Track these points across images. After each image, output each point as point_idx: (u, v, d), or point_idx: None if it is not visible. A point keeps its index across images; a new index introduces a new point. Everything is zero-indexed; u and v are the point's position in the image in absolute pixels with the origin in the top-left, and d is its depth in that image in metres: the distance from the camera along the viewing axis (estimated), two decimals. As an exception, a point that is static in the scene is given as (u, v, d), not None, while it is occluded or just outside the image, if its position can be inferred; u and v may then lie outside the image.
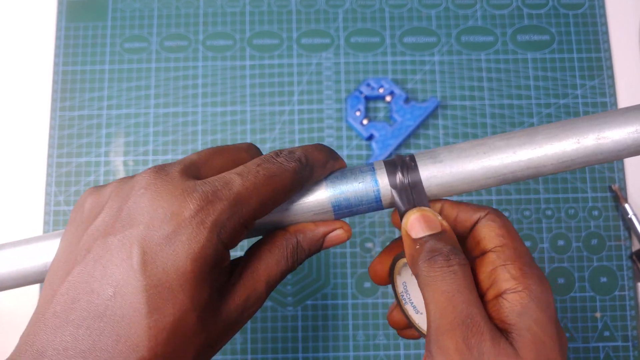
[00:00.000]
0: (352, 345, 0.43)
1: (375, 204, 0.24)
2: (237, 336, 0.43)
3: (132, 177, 0.21)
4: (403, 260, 0.24)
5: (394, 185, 0.23)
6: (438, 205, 0.25)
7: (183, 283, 0.19)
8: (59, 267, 0.21)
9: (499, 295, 0.21)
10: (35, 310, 0.20)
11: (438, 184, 0.23)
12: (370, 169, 0.24)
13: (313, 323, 0.43)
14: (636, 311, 0.43)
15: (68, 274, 0.20)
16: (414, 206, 0.23)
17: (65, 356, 0.18)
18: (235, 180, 0.21)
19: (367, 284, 0.44)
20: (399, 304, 0.26)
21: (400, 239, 0.25)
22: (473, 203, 0.25)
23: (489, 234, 0.23)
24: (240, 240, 0.21)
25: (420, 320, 0.25)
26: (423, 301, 0.21)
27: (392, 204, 0.24)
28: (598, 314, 0.43)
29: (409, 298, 0.25)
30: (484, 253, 0.23)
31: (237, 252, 0.42)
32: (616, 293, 0.43)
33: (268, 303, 0.43)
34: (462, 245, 0.25)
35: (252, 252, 0.23)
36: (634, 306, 0.43)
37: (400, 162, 0.24)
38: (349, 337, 0.43)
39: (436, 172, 0.23)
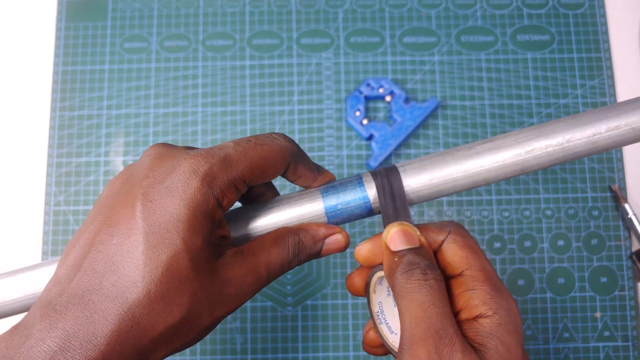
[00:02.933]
0: (352, 345, 0.43)
1: (366, 211, 0.26)
2: (237, 336, 0.43)
3: None
4: (378, 275, 0.25)
5: (379, 191, 0.26)
6: None
7: (177, 225, 0.21)
8: (76, 236, 0.23)
9: (471, 319, 0.22)
10: (52, 276, 0.22)
11: (420, 192, 0.26)
12: (359, 180, 0.26)
13: (313, 323, 0.43)
14: (636, 311, 0.43)
15: (81, 235, 0.22)
16: (397, 214, 0.25)
17: (69, 297, 0.20)
18: (229, 144, 0.24)
19: (367, 284, 0.44)
20: (373, 323, 0.26)
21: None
22: (435, 222, 0.25)
23: (453, 257, 0.24)
24: (231, 200, 0.23)
25: (394, 340, 0.25)
26: (398, 321, 0.22)
27: (379, 210, 0.26)
28: (598, 314, 0.43)
29: (384, 318, 0.26)
30: (453, 276, 0.24)
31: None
32: (616, 293, 0.43)
33: (268, 303, 0.43)
34: None
35: (256, 239, 0.25)
36: (634, 306, 0.43)
37: (383, 171, 0.26)
38: (349, 337, 0.43)
39: (419, 181, 0.26)
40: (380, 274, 0.25)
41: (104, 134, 0.46)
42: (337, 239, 0.26)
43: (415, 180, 0.26)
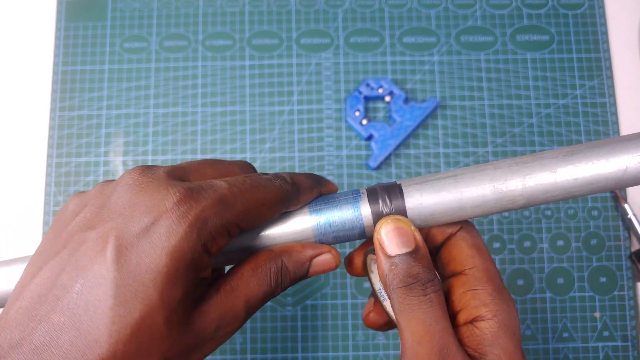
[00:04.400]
0: (352, 345, 0.43)
1: (358, 233, 0.23)
2: (237, 336, 0.43)
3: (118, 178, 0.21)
4: (371, 257, 0.24)
5: (376, 216, 0.23)
6: None
7: (155, 277, 0.18)
8: (32, 265, 0.20)
9: (470, 321, 0.22)
10: (2, 311, 0.20)
11: (423, 215, 0.23)
12: (354, 196, 0.23)
13: (313, 323, 0.43)
14: (636, 311, 0.43)
15: (40, 270, 0.19)
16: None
17: (18, 353, 0.18)
18: (221, 184, 0.21)
19: (367, 284, 0.44)
20: (377, 300, 0.26)
21: None
22: None
23: (459, 254, 0.23)
24: (220, 246, 0.21)
25: None
26: None
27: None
28: (597, 314, 0.43)
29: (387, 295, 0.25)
30: (455, 274, 0.23)
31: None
32: (615, 293, 0.43)
33: (268, 303, 0.43)
34: (434, 260, 0.25)
35: (234, 269, 0.22)
36: (633, 306, 0.43)
37: (383, 189, 0.23)
38: (348, 337, 0.43)
39: (423, 202, 0.22)
40: (373, 256, 0.24)
41: (104, 134, 0.46)
42: (325, 259, 0.23)
43: (420, 200, 0.22)
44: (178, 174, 0.21)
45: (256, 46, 0.48)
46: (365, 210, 0.23)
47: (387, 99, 0.46)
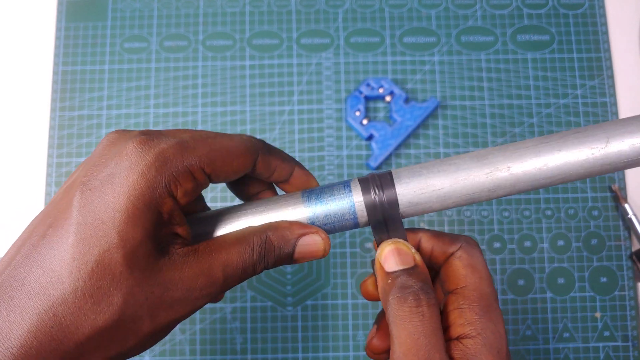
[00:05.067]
0: (352, 345, 0.43)
1: (352, 222, 0.23)
2: (237, 336, 0.43)
3: None
4: None
5: (368, 203, 0.23)
6: (417, 237, 0.25)
7: (113, 215, 0.19)
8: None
9: (455, 338, 0.22)
10: None
11: (411, 202, 0.23)
12: (346, 185, 0.24)
13: (313, 323, 0.43)
14: (636, 311, 0.43)
15: (25, 229, 0.21)
16: (388, 227, 0.23)
17: None
18: (186, 131, 0.22)
19: (367, 284, 0.44)
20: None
21: None
22: (450, 234, 0.25)
23: (453, 273, 0.24)
24: (187, 191, 0.21)
25: None
26: None
27: (368, 223, 0.24)
28: (598, 314, 0.43)
29: None
30: (450, 292, 0.24)
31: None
32: (616, 293, 0.43)
33: (268, 303, 0.43)
34: (435, 279, 0.25)
35: (217, 238, 0.22)
36: (634, 306, 0.43)
37: (374, 180, 0.23)
38: (349, 337, 0.43)
39: (414, 190, 0.23)
40: None
41: (104, 134, 0.46)
42: (313, 239, 0.23)
43: (411, 189, 0.23)
44: (151, 132, 0.22)
45: (256, 46, 0.48)
46: (357, 198, 0.23)
47: (388, 98, 0.46)
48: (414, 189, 0.23)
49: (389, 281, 0.22)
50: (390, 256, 0.23)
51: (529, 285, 0.44)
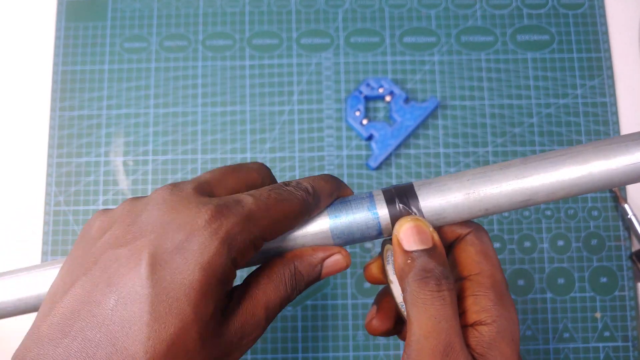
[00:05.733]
0: (352, 345, 0.43)
1: (375, 233, 0.24)
2: (237, 336, 0.43)
3: (146, 196, 0.22)
4: (390, 247, 0.25)
5: (394, 217, 0.23)
6: None
7: (189, 293, 0.19)
8: (62, 280, 0.20)
9: (470, 324, 0.22)
10: (32, 325, 0.20)
11: (436, 214, 0.23)
12: (370, 197, 0.24)
13: (313, 323, 0.43)
14: (636, 311, 0.43)
15: (71, 286, 0.19)
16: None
17: None
18: (248, 199, 0.21)
19: (367, 284, 0.44)
20: (389, 293, 0.26)
21: None
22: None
23: (466, 259, 0.24)
24: (247, 260, 0.21)
25: None
26: None
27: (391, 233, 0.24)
28: (598, 314, 0.43)
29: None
30: (462, 278, 0.24)
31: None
32: (616, 293, 0.43)
33: (268, 303, 0.43)
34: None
35: (250, 279, 0.23)
36: (634, 306, 0.43)
37: (398, 190, 0.24)
38: (349, 337, 0.43)
39: (437, 202, 0.23)
40: (391, 247, 0.25)
41: (104, 134, 0.46)
42: (336, 260, 0.24)
43: (432, 201, 0.23)
44: (205, 190, 0.22)
45: (256, 46, 0.48)
46: (382, 212, 0.24)
47: (388, 98, 0.46)
48: (436, 201, 0.23)
49: (409, 261, 0.22)
50: (410, 234, 0.23)
51: (529, 285, 0.43)
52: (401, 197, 0.24)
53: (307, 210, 0.23)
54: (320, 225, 0.24)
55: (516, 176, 0.23)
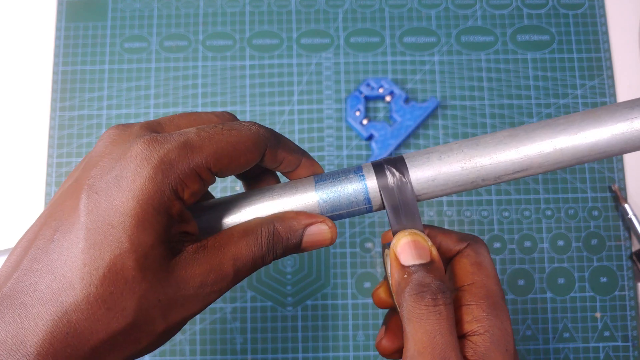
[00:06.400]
0: (352, 345, 0.43)
1: (365, 207, 0.23)
2: (237, 336, 0.43)
3: None
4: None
5: (382, 186, 0.23)
6: (425, 231, 0.25)
7: (123, 220, 0.19)
8: (27, 230, 0.21)
9: (463, 334, 0.22)
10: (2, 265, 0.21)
11: (427, 183, 0.23)
12: (359, 170, 0.23)
13: (313, 323, 0.43)
14: (636, 311, 0.43)
15: (28, 230, 0.21)
16: (403, 212, 0.23)
17: (2, 300, 0.19)
18: (191, 130, 0.21)
19: (367, 284, 0.44)
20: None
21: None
22: (458, 232, 0.25)
23: (460, 271, 0.24)
24: (194, 192, 0.21)
25: None
26: None
27: (382, 207, 0.23)
28: (598, 314, 0.43)
29: None
30: (456, 289, 0.24)
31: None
32: (616, 293, 0.43)
33: (268, 303, 0.43)
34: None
35: (224, 232, 0.22)
36: (634, 306, 0.43)
37: (388, 162, 0.23)
38: (349, 337, 0.43)
39: (426, 172, 0.23)
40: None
41: (104, 134, 0.46)
42: (320, 229, 0.23)
43: (423, 170, 0.23)
44: (152, 127, 0.22)
45: (256, 46, 0.48)
46: (371, 183, 0.23)
47: (388, 98, 0.46)
48: (428, 171, 0.23)
49: (405, 276, 0.22)
50: (407, 249, 0.22)
51: (529, 285, 0.43)
52: (391, 167, 0.23)
53: (260, 143, 0.22)
54: (308, 198, 0.23)
55: (511, 145, 0.22)
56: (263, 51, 0.48)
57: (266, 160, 0.23)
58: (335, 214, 0.23)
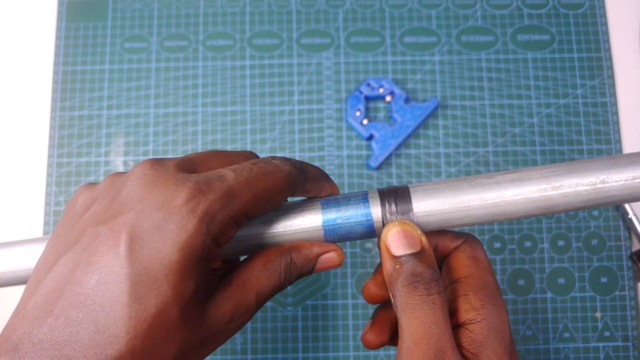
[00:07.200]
0: (352, 345, 0.43)
1: (367, 232, 0.24)
2: (237, 336, 0.43)
3: (129, 170, 0.22)
4: None
5: (385, 215, 0.24)
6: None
7: (168, 273, 0.19)
8: (46, 258, 0.21)
9: (460, 324, 0.22)
10: (18, 304, 0.20)
11: (430, 218, 0.24)
12: (364, 197, 0.24)
13: (313, 323, 0.43)
14: (636, 311, 0.43)
15: (54, 264, 0.20)
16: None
17: (40, 348, 0.18)
18: (229, 174, 0.21)
19: (367, 284, 0.44)
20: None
21: None
22: (454, 231, 0.25)
23: (457, 264, 0.24)
24: (229, 237, 0.21)
25: None
26: None
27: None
28: (598, 314, 0.43)
29: None
30: (453, 282, 0.24)
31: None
32: (616, 293, 0.43)
33: (268, 303, 0.43)
34: (441, 270, 0.26)
35: (245, 263, 0.23)
36: (634, 306, 0.43)
37: (392, 191, 0.24)
38: (349, 337, 0.43)
39: (429, 206, 0.23)
40: None
41: (104, 134, 0.46)
42: (330, 257, 0.24)
43: (426, 204, 0.23)
44: (187, 166, 0.22)
45: (257, 46, 0.48)
46: (375, 211, 0.24)
47: (388, 98, 0.46)
48: (430, 205, 0.23)
49: (397, 266, 0.22)
50: (397, 238, 0.23)
51: (529, 285, 0.44)
52: (395, 197, 0.24)
53: (292, 185, 0.23)
54: (314, 220, 0.24)
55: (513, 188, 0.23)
56: (263, 51, 0.48)
57: (294, 196, 0.24)
58: (338, 235, 0.24)
